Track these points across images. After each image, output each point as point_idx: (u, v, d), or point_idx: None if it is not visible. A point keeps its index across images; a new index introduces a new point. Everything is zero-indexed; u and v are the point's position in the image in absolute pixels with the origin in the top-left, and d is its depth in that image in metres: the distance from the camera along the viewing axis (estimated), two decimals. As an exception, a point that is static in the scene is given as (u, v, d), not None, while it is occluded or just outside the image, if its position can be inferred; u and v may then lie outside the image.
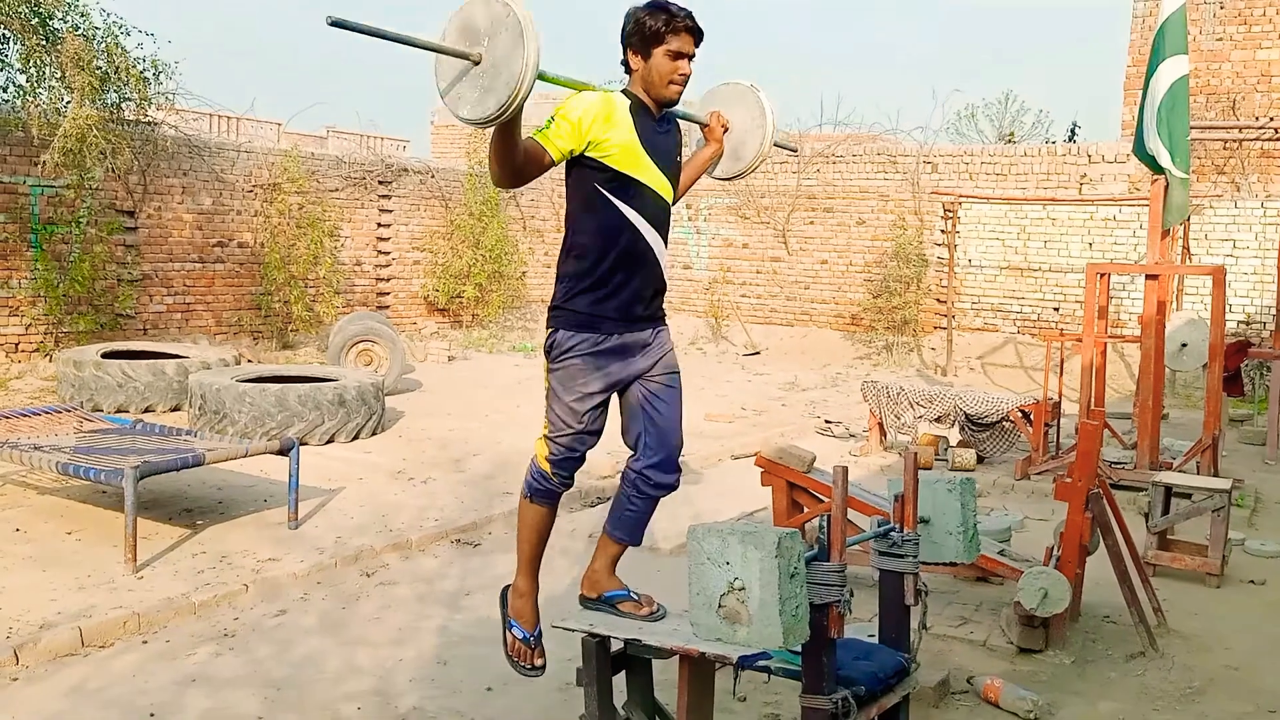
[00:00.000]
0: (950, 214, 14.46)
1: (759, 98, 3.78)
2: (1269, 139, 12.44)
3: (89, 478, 5.56)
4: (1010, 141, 24.11)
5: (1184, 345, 8.89)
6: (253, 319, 13.16)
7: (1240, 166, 12.90)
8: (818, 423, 10.06)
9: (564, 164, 3.22)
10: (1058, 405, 8.39)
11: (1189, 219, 12.26)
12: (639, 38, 3.23)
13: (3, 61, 10.62)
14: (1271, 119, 12.39)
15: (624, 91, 3.29)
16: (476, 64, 2.82)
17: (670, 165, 3.35)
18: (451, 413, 9.85)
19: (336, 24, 2.65)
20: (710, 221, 16.60)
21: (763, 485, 5.56)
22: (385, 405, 9.07)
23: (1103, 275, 8.05)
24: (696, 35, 3.25)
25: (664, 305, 3.48)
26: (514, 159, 2.99)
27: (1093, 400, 7.94)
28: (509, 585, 3.54)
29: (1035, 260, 14.13)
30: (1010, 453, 8.47)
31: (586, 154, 3.16)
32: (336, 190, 14.26)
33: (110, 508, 6.24)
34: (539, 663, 3.46)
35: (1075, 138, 24.70)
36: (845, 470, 2.92)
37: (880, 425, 8.82)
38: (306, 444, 7.90)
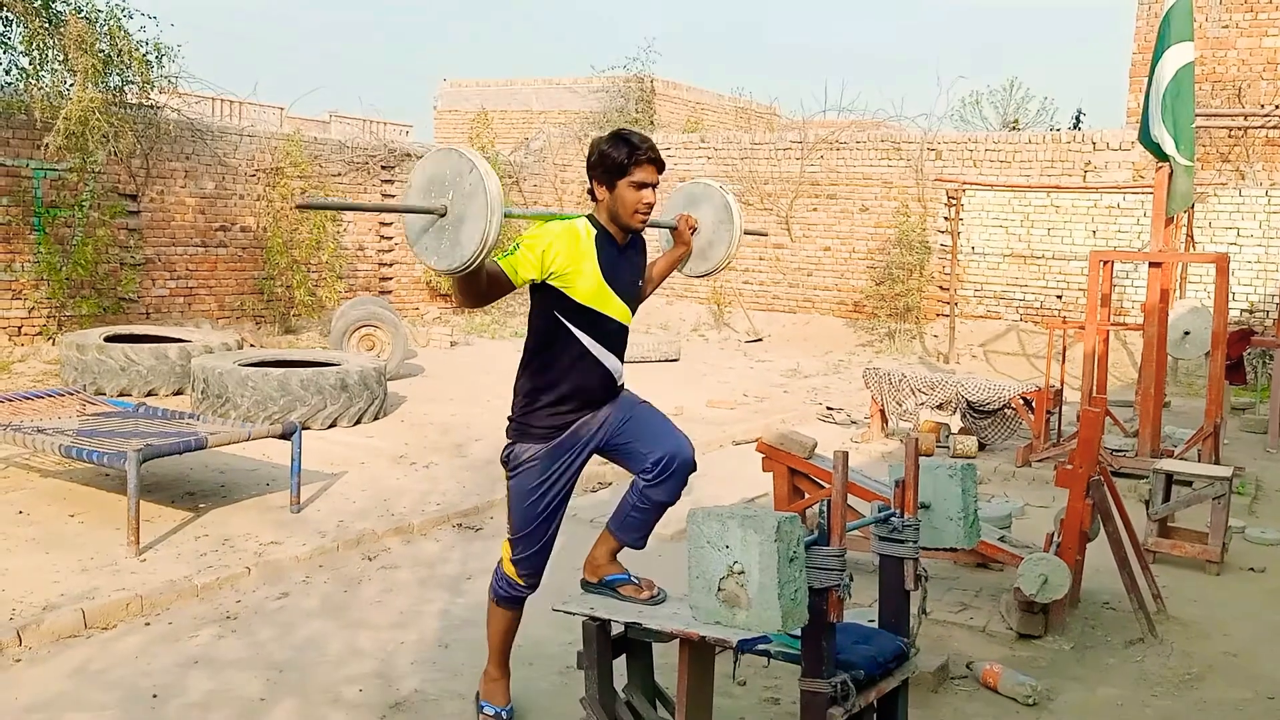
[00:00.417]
0: (954, 201, 14.42)
1: (727, 199, 3.90)
2: (1274, 126, 12.39)
3: (92, 460, 5.57)
4: (1015, 129, 24.04)
5: (1186, 333, 8.88)
6: (255, 303, 13.16)
7: (1245, 154, 12.85)
8: (819, 409, 10.06)
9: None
10: (1059, 393, 8.39)
11: (1193, 207, 12.23)
12: (603, 170, 3.33)
13: (5, 44, 10.61)
14: (1277, 106, 12.34)
15: (590, 218, 3.37)
16: (443, 215, 2.95)
17: (632, 291, 3.46)
18: (454, 398, 9.86)
19: (305, 206, 2.92)
20: (713, 208, 16.53)
21: (764, 471, 5.57)
22: (387, 390, 9.08)
23: (1106, 263, 8.04)
24: (659, 165, 3.35)
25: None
26: (479, 287, 3.12)
27: (1094, 388, 7.94)
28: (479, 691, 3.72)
29: (1038, 248, 14.10)
30: (1012, 440, 8.48)
31: (548, 282, 3.26)
32: (339, 175, 14.24)
33: (113, 491, 6.26)
34: None
35: (1080, 125, 24.63)
36: (845, 455, 2.93)
37: (882, 412, 8.82)
38: (309, 428, 7.91)
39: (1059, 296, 13.99)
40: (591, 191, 3.39)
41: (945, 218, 14.63)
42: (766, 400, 10.65)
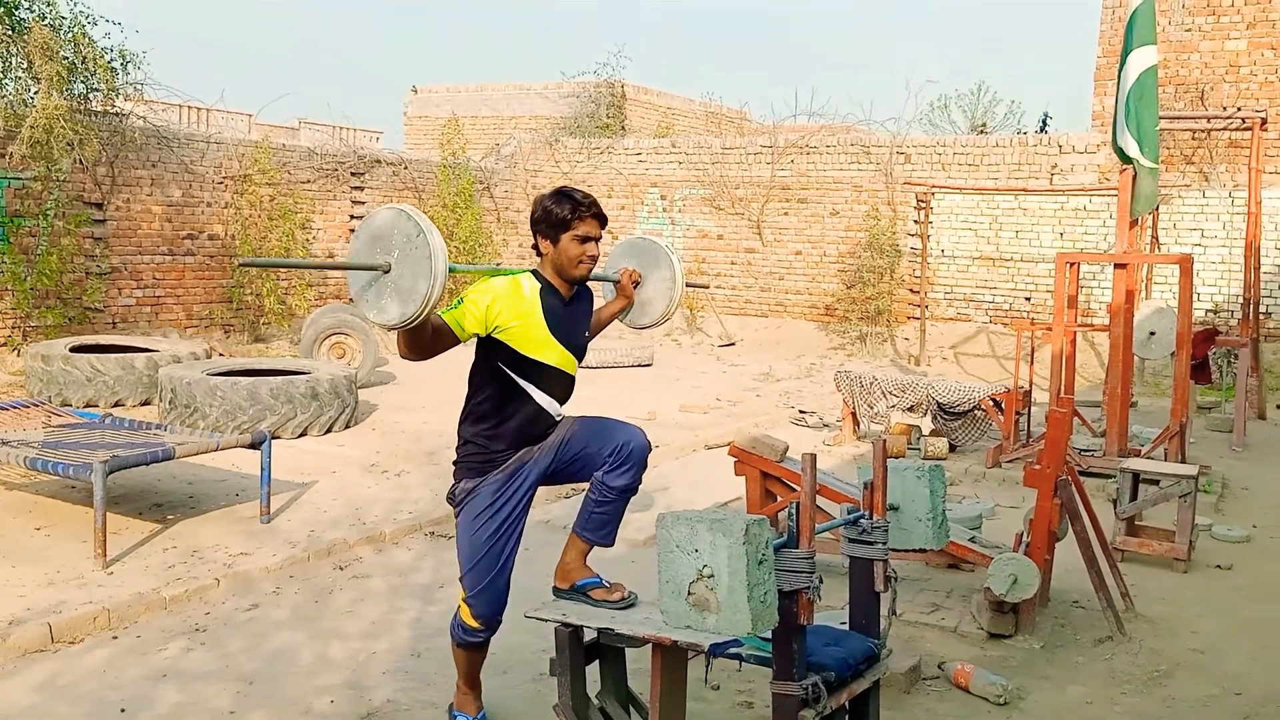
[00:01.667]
0: (923, 204, 14.53)
1: (671, 259, 3.99)
2: (1237, 129, 12.57)
3: (57, 473, 5.51)
4: (982, 132, 24.23)
5: (1152, 334, 8.98)
6: (224, 312, 13.06)
7: (1208, 156, 13.03)
8: (792, 413, 10.10)
9: None
10: (1029, 394, 8.46)
11: (1157, 208, 12.37)
12: (547, 225, 3.42)
13: (-33, 52, 10.48)
14: (1239, 109, 12.51)
15: (534, 273, 3.44)
16: (387, 273, 3.01)
17: (576, 340, 3.52)
18: (425, 405, 9.82)
19: (247, 264, 3.05)
20: (685, 213, 16.60)
21: (736, 475, 5.59)
22: (358, 398, 9.04)
23: (1072, 265, 8.12)
24: (601, 220, 3.45)
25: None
26: (423, 341, 3.19)
27: (1062, 388, 8.01)
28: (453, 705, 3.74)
29: (1007, 250, 14.23)
30: (982, 441, 8.54)
31: (492, 335, 3.33)
32: (308, 182, 14.16)
33: (79, 503, 6.19)
34: None
35: (1046, 128, 24.84)
36: (814, 458, 2.94)
37: (853, 415, 8.86)
38: (279, 437, 7.85)
39: (1027, 298, 14.12)
40: (536, 246, 3.47)
41: (915, 221, 14.73)
42: (739, 404, 10.68)
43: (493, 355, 3.39)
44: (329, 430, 8.44)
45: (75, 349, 9.60)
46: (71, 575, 5.10)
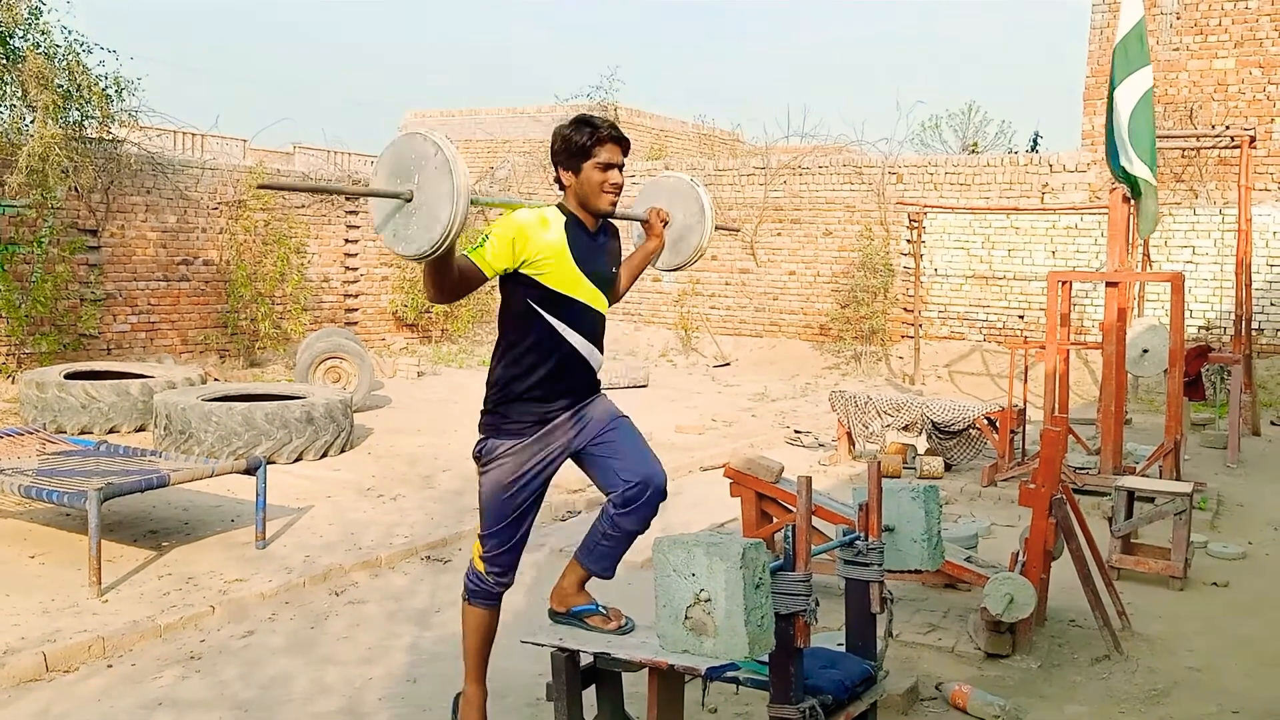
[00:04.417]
0: (915, 224, 14.59)
1: (698, 193, 3.88)
2: (1226, 147, 12.65)
3: (52, 500, 5.50)
4: (973, 152, 24.35)
5: (1145, 351, 9.00)
6: (219, 337, 13.06)
7: (1198, 174, 13.11)
8: (787, 433, 10.10)
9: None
10: (1023, 412, 8.48)
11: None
12: (566, 154, 3.31)
13: (-39, 81, 10.52)
14: (1228, 127, 12.60)
15: (559, 207, 3.34)
16: (409, 201, 2.89)
17: (606, 277, 3.42)
18: (421, 429, 9.82)
19: (265, 187, 2.82)
20: (678, 234, 16.64)
21: (732, 496, 5.59)
22: (354, 422, 9.03)
23: (1064, 283, 8.16)
24: (623, 145, 3.33)
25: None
26: (449, 280, 3.06)
27: (1056, 407, 8.03)
28: (460, 693, 3.57)
29: (1000, 269, 14.28)
30: (977, 460, 8.55)
31: (520, 271, 3.21)
32: (303, 207, 14.19)
33: (74, 530, 6.17)
34: None
35: (1037, 147, 25.00)
36: (809, 480, 2.95)
37: (849, 435, 8.87)
38: (274, 462, 7.84)
39: (1021, 316, 14.16)
40: (559, 180, 3.35)
41: (908, 240, 14.79)
42: (735, 424, 10.68)
43: (521, 293, 3.25)
44: (324, 455, 8.43)
45: (70, 376, 9.59)
46: (66, 603, 5.08)
